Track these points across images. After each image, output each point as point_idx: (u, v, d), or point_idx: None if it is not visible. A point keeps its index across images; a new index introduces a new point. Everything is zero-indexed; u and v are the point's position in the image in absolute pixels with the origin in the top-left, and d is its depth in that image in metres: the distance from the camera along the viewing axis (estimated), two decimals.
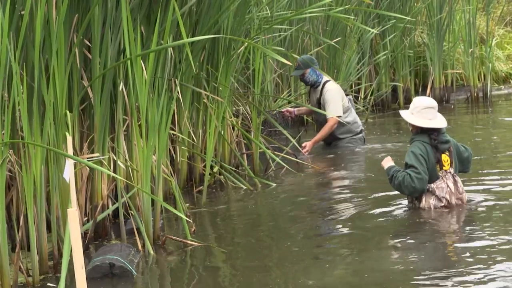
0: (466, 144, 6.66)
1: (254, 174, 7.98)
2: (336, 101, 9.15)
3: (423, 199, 6.15)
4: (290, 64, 7.47)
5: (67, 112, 5.42)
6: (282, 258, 5.28)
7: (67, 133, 5.24)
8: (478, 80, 14.10)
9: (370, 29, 10.69)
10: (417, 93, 13.87)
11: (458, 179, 6.20)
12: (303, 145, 8.95)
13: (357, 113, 12.13)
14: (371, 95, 12.69)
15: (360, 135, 9.50)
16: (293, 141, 8.58)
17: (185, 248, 5.63)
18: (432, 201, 6.13)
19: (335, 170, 8.30)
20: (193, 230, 5.89)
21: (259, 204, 7.02)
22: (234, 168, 7.95)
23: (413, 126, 6.18)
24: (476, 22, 14.06)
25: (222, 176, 7.67)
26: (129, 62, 5.75)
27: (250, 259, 5.34)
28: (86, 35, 5.95)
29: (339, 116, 9.13)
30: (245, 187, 7.45)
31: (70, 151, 4.86)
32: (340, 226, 6.00)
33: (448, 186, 6.12)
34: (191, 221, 6.10)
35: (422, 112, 6.09)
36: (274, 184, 7.59)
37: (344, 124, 9.28)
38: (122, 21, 5.65)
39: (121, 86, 6.06)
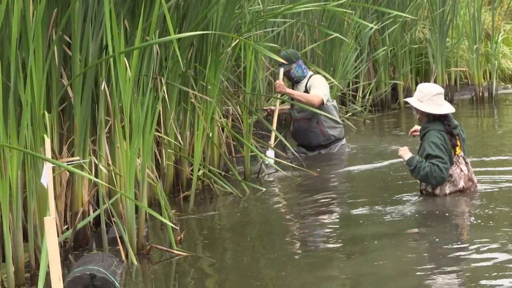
0: (470, 144, 6.92)
1: (245, 178, 7.98)
2: (323, 87, 9.03)
3: (439, 186, 6.58)
4: (284, 62, 7.51)
5: (46, 112, 5.41)
6: (273, 267, 5.29)
7: (45, 135, 5.24)
8: (483, 78, 14.14)
9: (369, 24, 10.69)
10: None
11: (468, 160, 6.67)
12: (277, 82, 8.85)
13: (354, 113, 12.20)
14: (369, 94, 12.71)
15: (344, 140, 9.40)
16: (287, 144, 8.58)
17: (171, 258, 5.63)
18: (448, 187, 6.59)
19: (330, 174, 8.31)
20: (180, 239, 5.89)
21: (250, 211, 7.03)
22: (223, 173, 7.96)
23: (422, 114, 6.56)
24: (481, 16, 14.09)
25: (211, 181, 7.67)
26: (111, 59, 5.75)
27: (240, 269, 5.34)
28: (66, 31, 5.94)
29: (323, 102, 8.92)
30: (234, 193, 7.45)
31: (48, 154, 4.86)
32: (334, 232, 6.02)
33: (461, 170, 6.60)
34: (178, 229, 6.11)
35: (433, 99, 6.47)
36: (264, 189, 7.59)
37: (337, 126, 9.21)
38: (104, 15, 5.64)
39: (103, 85, 6.05)
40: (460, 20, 14.17)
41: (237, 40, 7.89)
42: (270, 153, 8.55)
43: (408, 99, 6.68)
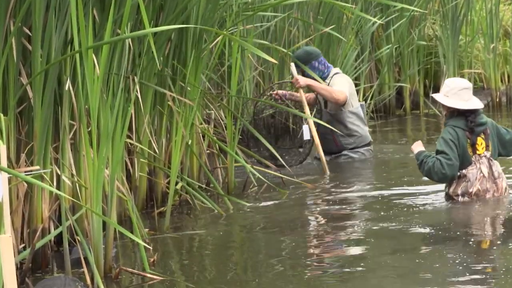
0: None
1: (228, 192, 7.99)
2: (345, 85, 9.35)
3: (452, 186, 7.01)
4: (274, 61, 7.53)
5: (1, 115, 5.41)
6: None
7: (0, 141, 5.23)
8: (501, 81, 14.20)
9: (372, 18, 10.71)
10: (426, 97, 13.96)
11: (495, 163, 6.96)
12: (295, 78, 9.19)
13: None
14: (371, 99, 12.75)
15: (369, 147, 9.57)
16: (276, 154, 8.58)
17: (143, 282, 5.63)
18: (461, 188, 6.97)
19: (326, 187, 8.33)
20: (153, 261, 5.90)
21: (233, 229, 7.04)
22: (204, 186, 7.96)
23: (448, 109, 6.96)
24: (499, 12, 14.16)
25: (189, 196, 7.67)
26: (78, 55, 5.75)
27: None
28: (26, 22, 5.94)
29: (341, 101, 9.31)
30: (216, 209, 7.46)
31: (4, 163, 4.86)
32: (329, 255, 6.04)
33: (481, 171, 6.93)
34: (151, 249, 6.11)
35: (459, 93, 6.87)
36: (249, 205, 7.59)
37: (353, 134, 9.36)
38: (70, 5, 5.64)
39: (67, 84, 6.06)
40: (476, 16, 14.24)
41: (221, 36, 7.91)
42: (305, 128, 9.12)
43: (434, 95, 7.11)
